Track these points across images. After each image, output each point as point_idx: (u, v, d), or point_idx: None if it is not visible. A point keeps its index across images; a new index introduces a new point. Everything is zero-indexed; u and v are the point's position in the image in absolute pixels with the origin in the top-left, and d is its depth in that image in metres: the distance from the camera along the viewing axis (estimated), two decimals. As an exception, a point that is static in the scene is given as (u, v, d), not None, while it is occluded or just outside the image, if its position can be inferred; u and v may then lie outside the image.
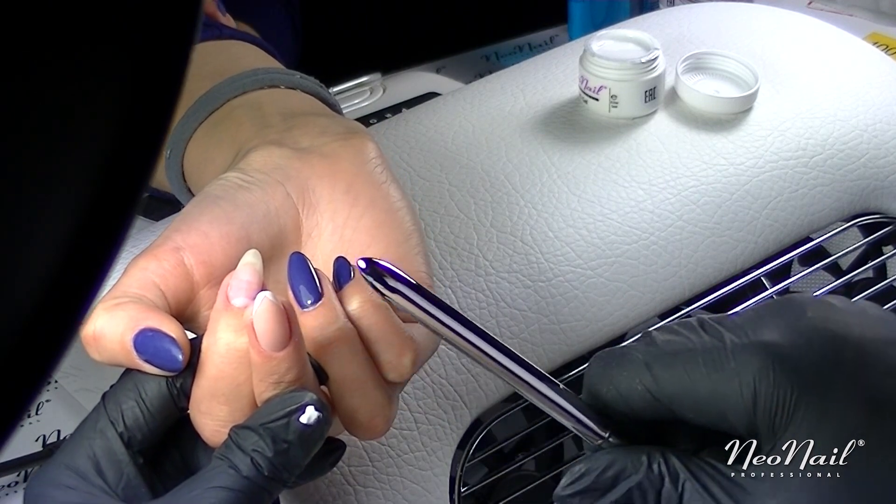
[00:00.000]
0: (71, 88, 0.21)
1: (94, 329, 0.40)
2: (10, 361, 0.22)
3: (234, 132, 0.50)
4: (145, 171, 0.22)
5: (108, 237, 0.23)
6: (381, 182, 0.46)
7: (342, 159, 0.46)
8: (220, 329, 0.40)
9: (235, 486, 0.38)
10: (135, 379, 0.41)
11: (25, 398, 0.24)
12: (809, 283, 0.63)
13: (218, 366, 0.40)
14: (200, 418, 0.41)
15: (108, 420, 0.40)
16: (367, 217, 0.45)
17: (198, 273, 0.42)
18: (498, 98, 0.66)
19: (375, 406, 0.42)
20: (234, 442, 0.39)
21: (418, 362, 0.43)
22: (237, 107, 0.51)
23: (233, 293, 0.40)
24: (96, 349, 0.41)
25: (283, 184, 0.45)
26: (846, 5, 0.97)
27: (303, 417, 0.39)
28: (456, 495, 0.52)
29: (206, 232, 0.42)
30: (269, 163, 0.45)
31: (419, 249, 0.46)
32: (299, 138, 0.47)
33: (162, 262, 0.41)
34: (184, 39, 0.22)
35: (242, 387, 0.40)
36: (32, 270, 0.22)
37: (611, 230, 0.58)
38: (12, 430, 0.24)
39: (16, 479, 0.62)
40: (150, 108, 0.22)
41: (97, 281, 0.23)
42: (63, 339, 0.23)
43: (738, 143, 0.62)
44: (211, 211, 0.43)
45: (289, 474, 0.39)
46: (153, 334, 0.40)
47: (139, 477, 0.40)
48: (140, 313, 0.40)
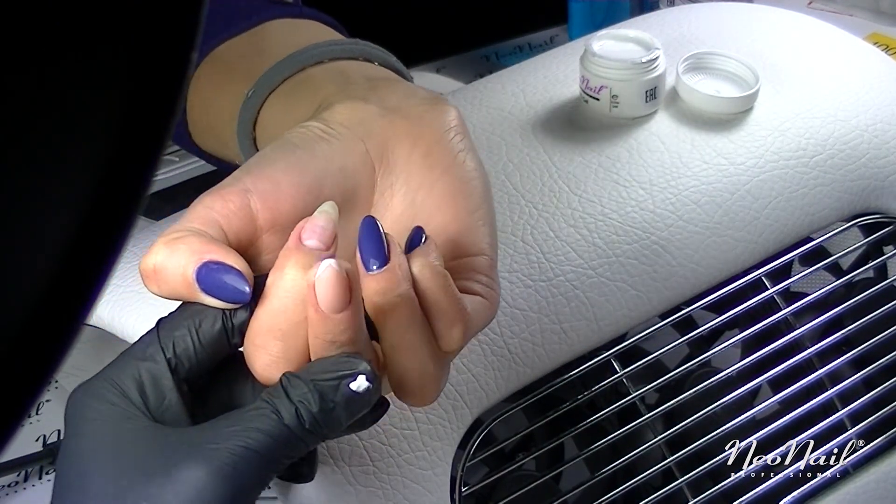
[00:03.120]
0: (73, 88, 0.21)
1: (155, 262, 0.40)
2: (11, 362, 0.22)
3: (316, 89, 0.50)
4: (148, 169, 0.22)
5: (110, 237, 0.23)
6: (459, 150, 0.46)
7: (425, 123, 0.46)
8: (289, 265, 0.40)
9: (274, 431, 0.38)
10: (192, 310, 0.41)
11: (28, 398, 0.24)
12: (810, 283, 0.64)
13: (282, 299, 0.40)
14: (254, 351, 0.41)
15: (159, 345, 0.40)
16: (440, 184, 0.45)
17: (262, 218, 0.42)
18: (498, 98, 0.66)
19: (426, 373, 0.41)
20: (283, 387, 0.39)
21: (467, 335, 0.42)
22: (318, 71, 0.51)
23: (306, 235, 0.40)
24: (156, 283, 0.41)
25: (363, 141, 0.45)
26: (846, 5, 0.97)
27: (353, 384, 0.39)
28: (457, 495, 0.52)
29: (278, 179, 0.42)
30: (353, 117, 0.45)
31: (485, 221, 0.45)
32: (385, 97, 0.47)
33: (227, 203, 0.41)
34: (186, 37, 0.22)
35: (300, 326, 0.40)
36: (34, 270, 0.22)
37: (611, 230, 0.58)
38: (14, 431, 0.24)
39: (16, 479, 0.62)
40: (152, 107, 0.22)
41: (99, 281, 0.23)
42: (65, 339, 0.23)
43: (739, 142, 0.62)
44: (286, 158, 0.43)
45: (329, 431, 0.39)
46: (217, 267, 0.40)
47: (181, 403, 0.40)
48: (203, 246, 0.40)
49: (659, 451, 0.56)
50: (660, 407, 0.56)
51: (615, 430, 0.55)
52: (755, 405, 0.59)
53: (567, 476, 0.56)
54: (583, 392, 0.55)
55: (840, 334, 0.61)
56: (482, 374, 0.53)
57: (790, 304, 0.60)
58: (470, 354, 0.53)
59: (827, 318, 0.61)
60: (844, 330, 0.61)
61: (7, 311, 0.22)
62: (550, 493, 0.54)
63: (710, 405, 0.57)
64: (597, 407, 0.56)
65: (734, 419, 0.57)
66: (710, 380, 0.58)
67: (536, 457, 0.55)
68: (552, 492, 0.54)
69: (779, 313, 0.60)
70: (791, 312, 0.60)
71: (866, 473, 0.59)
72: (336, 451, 0.50)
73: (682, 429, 0.56)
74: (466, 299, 0.42)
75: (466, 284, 0.43)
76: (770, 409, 0.60)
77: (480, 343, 0.53)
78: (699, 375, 0.58)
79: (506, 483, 0.54)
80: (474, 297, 0.43)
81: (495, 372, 0.53)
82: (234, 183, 0.42)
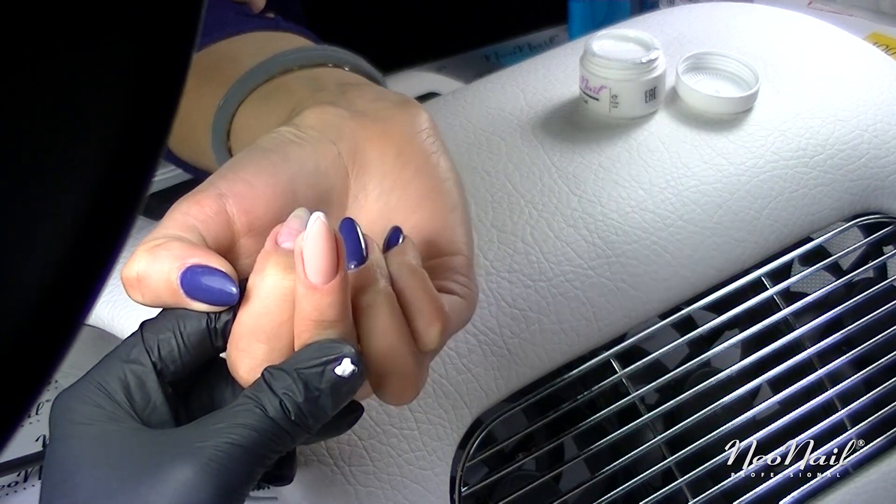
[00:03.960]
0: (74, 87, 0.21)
1: (138, 270, 0.40)
2: (12, 362, 0.22)
3: (288, 96, 0.50)
4: (148, 169, 0.22)
5: (110, 236, 0.22)
6: (432, 152, 0.46)
7: (395, 124, 0.46)
8: (269, 267, 0.40)
9: (259, 425, 0.38)
10: (176, 313, 0.41)
11: (28, 398, 0.24)
12: (810, 283, 0.64)
13: (263, 301, 0.40)
14: (238, 355, 0.41)
15: (144, 347, 0.40)
16: (414, 184, 0.45)
17: (239, 222, 0.42)
18: (498, 98, 0.66)
19: (406, 372, 0.41)
20: (266, 382, 0.39)
21: (445, 334, 0.42)
22: (290, 78, 0.52)
23: (282, 238, 0.40)
24: (139, 291, 0.41)
25: (335, 143, 0.45)
26: (846, 5, 0.97)
27: (338, 368, 0.39)
28: (456, 495, 0.52)
29: (252, 181, 0.42)
30: (323, 121, 0.45)
31: (462, 221, 0.45)
32: (354, 100, 0.47)
33: (204, 208, 0.41)
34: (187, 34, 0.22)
35: (284, 326, 0.40)
36: (34, 270, 0.22)
37: (611, 230, 0.58)
38: (14, 431, 0.24)
39: (16, 479, 0.62)
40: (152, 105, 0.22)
41: (99, 281, 0.23)
42: (65, 338, 0.23)
43: (739, 142, 0.62)
44: (258, 161, 0.43)
45: (315, 422, 0.39)
46: (202, 270, 0.40)
47: (166, 405, 0.40)
48: (185, 250, 0.40)
49: (659, 451, 0.56)
50: (660, 407, 0.56)
51: (615, 430, 0.55)
52: (755, 405, 0.59)
53: (567, 476, 0.56)
54: (583, 392, 0.55)
55: (840, 334, 0.61)
56: (482, 375, 0.53)
57: (790, 304, 0.60)
58: (470, 354, 0.53)
59: (827, 318, 0.61)
60: (844, 330, 0.61)
61: (7, 312, 0.22)
62: (550, 493, 0.54)
63: (710, 405, 0.57)
64: (597, 407, 0.56)
65: (734, 419, 0.57)
66: (710, 380, 0.58)
67: (536, 457, 0.55)
68: (552, 492, 0.54)
69: (779, 313, 0.60)
70: (791, 312, 0.60)
71: (866, 473, 0.59)
72: (336, 451, 0.50)
73: (682, 429, 0.56)
74: (444, 299, 0.42)
75: (444, 284, 0.43)
76: (770, 409, 0.60)
77: (480, 343, 0.53)
78: (699, 375, 0.58)
79: (506, 483, 0.54)
80: (452, 297, 0.43)
81: (495, 372, 0.53)
82: (208, 188, 0.42)
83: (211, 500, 0.37)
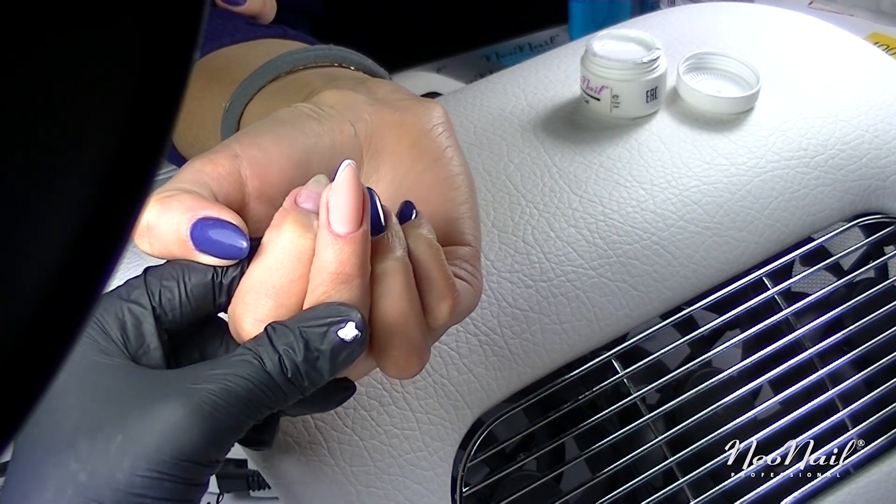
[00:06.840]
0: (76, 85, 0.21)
1: (148, 220, 0.40)
2: (13, 362, 0.22)
3: (303, 86, 0.50)
4: (151, 168, 0.22)
5: (112, 236, 0.22)
6: (447, 146, 0.46)
7: (412, 115, 0.46)
8: (287, 223, 0.40)
9: (255, 377, 0.38)
10: (182, 264, 0.40)
11: (29, 399, 0.23)
12: (811, 283, 0.63)
13: (277, 255, 0.39)
14: (243, 308, 0.40)
15: (146, 290, 0.40)
16: (427, 175, 0.45)
17: (251, 185, 0.42)
18: (499, 98, 0.66)
19: (413, 344, 0.41)
20: (268, 336, 0.39)
21: (454, 313, 0.42)
22: (305, 73, 0.52)
23: (302, 199, 0.40)
24: (148, 240, 0.40)
25: (353, 124, 0.45)
26: (847, 5, 0.97)
27: (342, 331, 0.39)
28: (457, 495, 0.52)
29: (267, 148, 0.42)
30: (342, 101, 0.46)
31: (472, 215, 0.46)
32: (374, 89, 0.47)
33: (217, 167, 0.41)
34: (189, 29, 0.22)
35: (294, 284, 0.40)
36: (36, 270, 0.22)
37: (612, 230, 0.58)
38: (15, 431, 0.24)
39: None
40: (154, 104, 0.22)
41: (102, 280, 0.23)
42: (67, 338, 0.23)
43: (740, 143, 0.62)
44: (276, 130, 0.43)
45: (310, 384, 0.39)
46: (213, 223, 0.40)
47: (160, 349, 0.40)
48: (196, 203, 0.40)
49: (660, 452, 0.56)
50: (661, 407, 0.56)
51: (616, 431, 0.55)
52: (756, 405, 0.59)
53: (568, 476, 0.56)
54: (584, 392, 0.55)
55: (841, 334, 0.61)
56: (483, 375, 0.53)
57: (791, 305, 0.60)
58: (471, 354, 0.53)
59: (828, 318, 0.61)
60: (845, 330, 0.61)
61: (9, 312, 0.22)
62: (551, 493, 0.54)
63: (710, 405, 0.57)
64: (598, 407, 0.56)
65: (735, 419, 0.57)
66: (710, 380, 0.58)
67: (537, 457, 0.54)
68: (553, 492, 0.54)
69: (780, 313, 0.60)
70: (792, 312, 0.60)
71: (867, 474, 0.59)
72: (337, 451, 0.50)
73: (682, 429, 0.56)
74: (458, 281, 0.43)
75: (452, 269, 0.43)
76: (771, 410, 0.60)
77: (481, 343, 0.53)
78: (700, 376, 0.58)
79: (507, 483, 0.53)
80: (460, 282, 0.43)
81: (496, 372, 0.53)
82: (223, 149, 0.42)
83: (199, 442, 0.37)
